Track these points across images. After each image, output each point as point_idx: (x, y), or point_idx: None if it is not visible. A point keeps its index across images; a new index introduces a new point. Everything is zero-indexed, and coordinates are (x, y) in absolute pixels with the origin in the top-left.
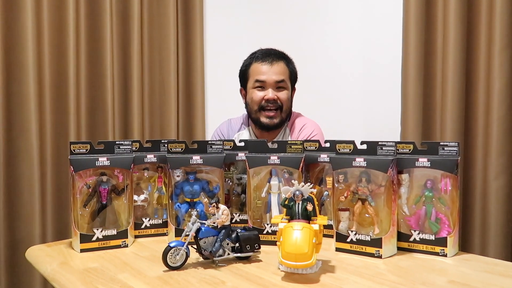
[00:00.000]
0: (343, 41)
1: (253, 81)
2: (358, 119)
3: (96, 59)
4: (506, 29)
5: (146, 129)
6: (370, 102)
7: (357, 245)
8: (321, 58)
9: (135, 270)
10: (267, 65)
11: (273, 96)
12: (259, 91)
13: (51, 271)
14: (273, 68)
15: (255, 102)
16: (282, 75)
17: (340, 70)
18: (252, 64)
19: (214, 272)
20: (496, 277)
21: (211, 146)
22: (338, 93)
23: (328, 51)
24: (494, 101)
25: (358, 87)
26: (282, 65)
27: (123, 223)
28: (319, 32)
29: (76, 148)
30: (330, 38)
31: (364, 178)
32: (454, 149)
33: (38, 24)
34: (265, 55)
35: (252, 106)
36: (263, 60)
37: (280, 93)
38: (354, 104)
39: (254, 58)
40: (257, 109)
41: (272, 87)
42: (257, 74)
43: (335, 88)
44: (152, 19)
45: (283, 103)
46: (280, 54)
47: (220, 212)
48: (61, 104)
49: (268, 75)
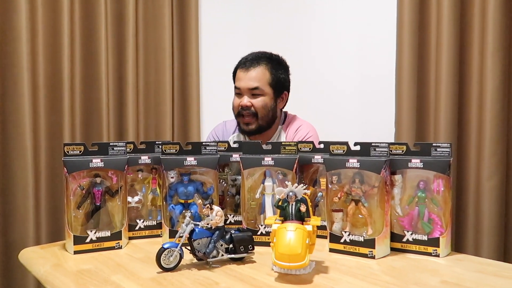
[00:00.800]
0: (338, 42)
1: (234, 87)
2: (352, 120)
3: (91, 60)
4: (498, 31)
5: (141, 131)
6: (365, 103)
7: (350, 245)
8: (317, 59)
9: (129, 272)
10: (244, 72)
11: (247, 103)
12: (237, 97)
13: (44, 273)
14: (248, 75)
15: (234, 108)
16: (257, 82)
17: (335, 72)
18: (237, 69)
19: (208, 273)
20: (488, 277)
21: (205, 148)
22: (333, 94)
23: (323, 52)
24: (487, 102)
25: (353, 88)
26: (260, 71)
27: (117, 225)
28: (315, 33)
29: (70, 149)
30: (326, 39)
31: (358, 179)
32: (447, 150)
33: (33, 25)
34: (246, 60)
35: (233, 112)
36: (242, 66)
37: (255, 100)
38: (349, 105)
39: (238, 63)
40: (236, 115)
41: (247, 94)
42: (236, 80)
43: (330, 89)
44: (147, 20)
45: (257, 110)
46: (265, 58)
47: (214, 214)
48: (55, 105)
49: (244, 81)
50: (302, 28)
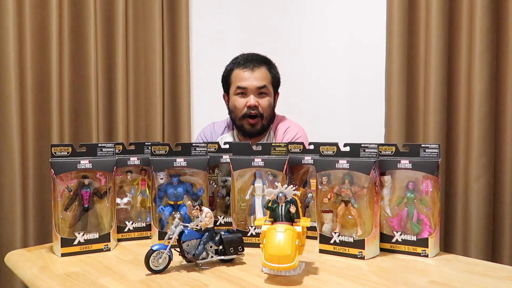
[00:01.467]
0: (329, 45)
1: (235, 87)
2: (342, 122)
3: (80, 60)
4: (486, 34)
5: (131, 132)
6: (355, 104)
7: (340, 246)
8: (307, 60)
9: (117, 274)
10: (249, 71)
11: (255, 102)
12: (241, 97)
13: (30, 276)
14: (254, 74)
15: (239, 109)
16: (264, 81)
17: (325, 74)
18: (234, 70)
19: (197, 275)
20: (476, 276)
21: (195, 149)
22: (323, 96)
23: (313, 53)
24: (475, 103)
25: (343, 90)
26: (263, 71)
27: (106, 227)
28: (305, 34)
29: (57, 150)
30: (316, 41)
31: (347, 180)
32: (435, 151)
33: (20, 25)
34: (247, 61)
35: (236, 113)
36: (244, 66)
37: (261, 100)
38: (339, 107)
39: (236, 64)
40: (241, 117)
41: (254, 93)
42: (239, 81)
43: (320, 91)
44: (137, 21)
45: (264, 110)
46: (262, 59)
47: (203, 215)
48: (43, 106)
49: (250, 81)
50: (292, 31)
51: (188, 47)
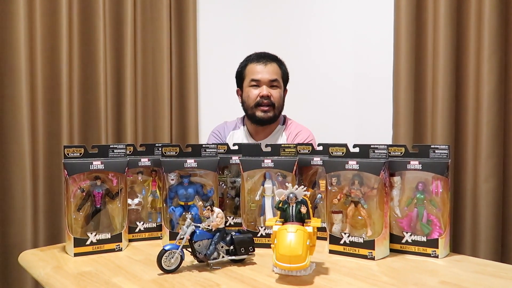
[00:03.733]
0: (337, 44)
1: (249, 80)
2: (350, 123)
3: (89, 63)
4: (494, 35)
5: (139, 133)
6: (362, 106)
7: (350, 247)
8: (315, 60)
9: (130, 274)
10: (262, 65)
11: (267, 92)
12: (254, 89)
13: (44, 276)
14: (267, 68)
15: (252, 99)
16: (275, 75)
17: (333, 74)
18: (248, 65)
19: (209, 275)
20: (486, 277)
21: (205, 150)
22: (331, 97)
23: (321, 52)
24: (483, 105)
25: (351, 89)
26: (275, 66)
27: (117, 227)
28: (313, 34)
29: (70, 152)
30: (324, 41)
31: (357, 180)
32: (445, 152)
33: (31, 28)
34: (260, 57)
35: (248, 103)
36: (258, 61)
37: (273, 91)
38: (346, 108)
39: (250, 60)
40: (253, 106)
41: (266, 85)
42: (253, 74)
43: (328, 90)
44: (145, 23)
45: (275, 100)
46: (273, 56)
47: (214, 215)
48: (53, 108)
49: (263, 74)
50: (300, 31)
51: (196, 49)
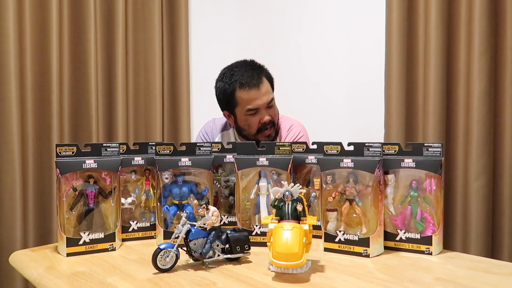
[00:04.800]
0: (328, 47)
1: (243, 109)
2: (342, 122)
3: (80, 61)
4: (484, 35)
5: (131, 133)
6: (355, 106)
7: (345, 244)
8: (307, 61)
9: (125, 273)
10: (255, 90)
11: (269, 118)
12: (253, 116)
13: (37, 276)
14: (261, 91)
15: (253, 127)
16: (270, 94)
17: (324, 76)
18: (237, 91)
19: (205, 274)
20: (480, 273)
21: (200, 148)
22: (322, 98)
23: (312, 56)
24: (474, 104)
25: (342, 91)
26: (265, 82)
27: (111, 226)
28: (304, 37)
29: (62, 150)
30: (315, 44)
31: (352, 178)
32: (438, 149)
33: (20, 25)
34: (249, 79)
35: (249, 131)
36: (249, 87)
37: (271, 111)
38: (338, 108)
39: (238, 85)
40: (256, 132)
41: (265, 109)
42: (248, 103)
43: (319, 92)
44: (137, 22)
45: (274, 119)
46: (259, 69)
47: (210, 214)
48: (43, 107)
49: (261, 100)
50: (291, 33)
51: (188, 48)
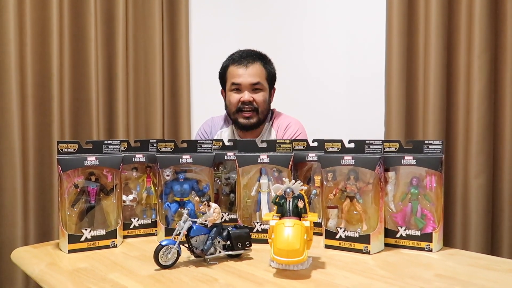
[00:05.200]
0: (328, 41)
1: (230, 83)
2: (342, 120)
3: (80, 59)
4: (484, 34)
5: (131, 130)
6: (355, 104)
7: (345, 241)
8: (307, 59)
9: (126, 270)
10: (243, 68)
11: (249, 98)
12: (235, 93)
13: (39, 272)
14: (248, 71)
15: (233, 104)
16: (258, 77)
17: (325, 72)
18: (229, 66)
19: (206, 270)
20: (480, 270)
21: (201, 146)
22: (323, 93)
23: (313, 51)
24: (474, 102)
25: (343, 87)
26: (258, 67)
27: (112, 223)
28: (305, 33)
29: (64, 147)
30: (317, 40)
31: (352, 176)
32: (438, 147)
33: (21, 23)
34: (241, 58)
35: (230, 108)
36: (239, 63)
37: (256, 95)
38: (339, 104)
39: (231, 61)
40: (235, 111)
41: (248, 89)
42: (233, 77)
43: (320, 88)
44: (137, 20)
45: (258, 104)
46: (257, 55)
47: (211, 211)
48: (44, 105)
49: (244, 77)
50: (292, 29)
51: (188, 46)
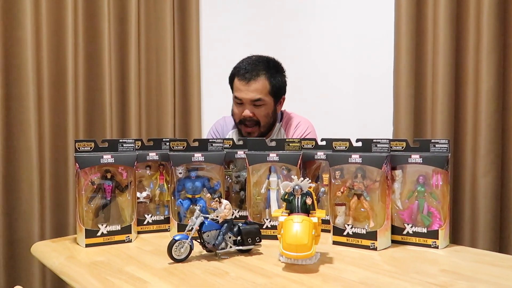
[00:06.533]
0: (337, 42)
1: (234, 95)
2: (351, 119)
3: (94, 60)
4: (493, 33)
5: (143, 130)
6: (363, 103)
7: (353, 238)
8: (316, 60)
9: (141, 263)
10: (245, 84)
11: (250, 114)
12: (238, 106)
13: (59, 265)
14: (250, 87)
15: (236, 116)
16: (259, 94)
17: (333, 71)
18: (235, 77)
19: (218, 264)
20: (484, 266)
21: (212, 144)
22: (332, 93)
23: (322, 51)
24: (482, 101)
25: (351, 86)
26: (261, 82)
27: (127, 219)
28: (314, 32)
29: (81, 146)
30: (325, 39)
31: (360, 174)
32: (445, 146)
33: (37, 26)
34: (246, 71)
35: (234, 118)
36: (242, 77)
37: (257, 110)
38: (347, 104)
39: (237, 72)
40: (238, 123)
41: (249, 105)
42: (236, 91)
43: (328, 87)
44: (149, 21)
45: (260, 118)
46: (264, 66)
47: (222, 207)
48: (59, 104)
49: (245, 93)
50: (301, 29)
51: (198, 47)
